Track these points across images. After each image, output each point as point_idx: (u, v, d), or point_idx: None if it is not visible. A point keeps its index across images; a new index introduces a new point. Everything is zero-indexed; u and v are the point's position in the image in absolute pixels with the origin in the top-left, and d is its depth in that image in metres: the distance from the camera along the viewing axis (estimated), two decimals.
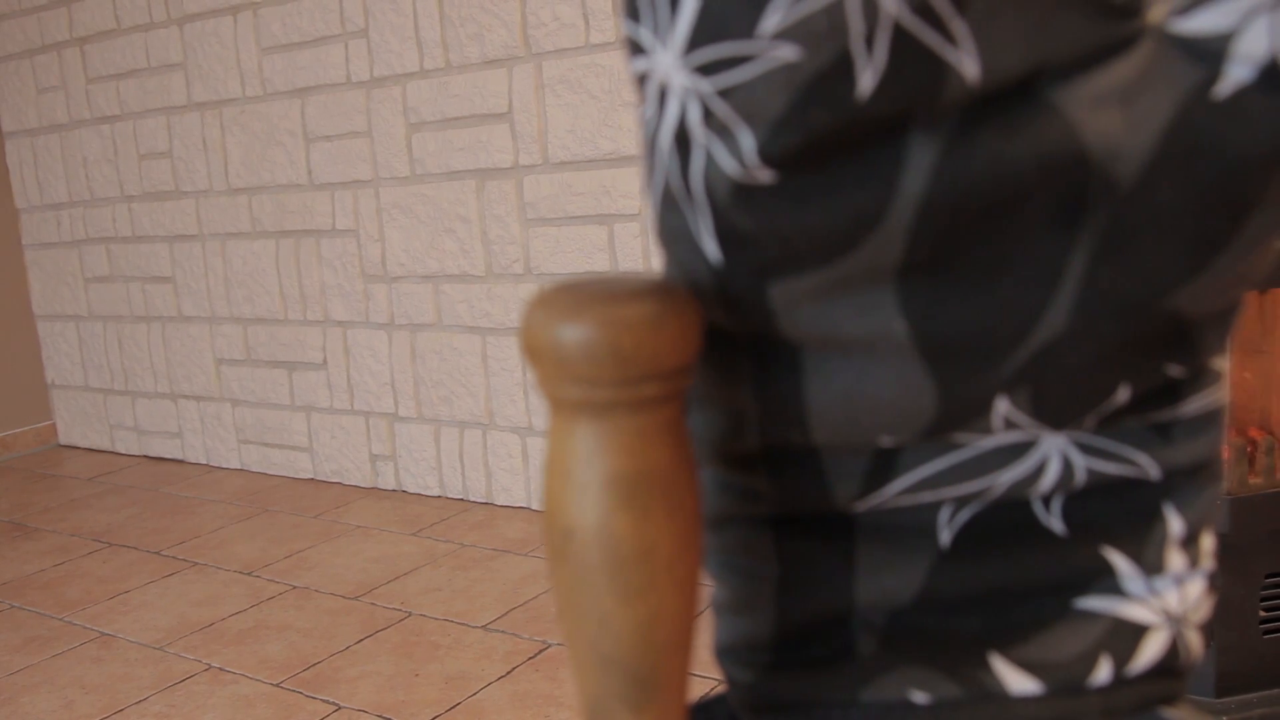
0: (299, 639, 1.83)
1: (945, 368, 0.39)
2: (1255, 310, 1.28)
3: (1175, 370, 0.42)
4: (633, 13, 0.36)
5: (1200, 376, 0.43)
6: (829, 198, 0.35)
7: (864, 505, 0.44)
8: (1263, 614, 1.25)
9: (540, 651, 1.72)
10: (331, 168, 2.51)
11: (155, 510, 2.62)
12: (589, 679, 0.37)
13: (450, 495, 2.52)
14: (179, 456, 3.05)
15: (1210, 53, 0.35)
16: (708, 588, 1.92)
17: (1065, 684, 0.45)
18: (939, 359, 0.38)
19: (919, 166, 0.35)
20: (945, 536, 0.45)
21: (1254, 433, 1.29)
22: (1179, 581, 0.45)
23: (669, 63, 0.35)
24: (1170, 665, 0.46)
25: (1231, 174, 0.36)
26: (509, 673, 1.65)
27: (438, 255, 2.39)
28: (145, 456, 3.13)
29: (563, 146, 2.17)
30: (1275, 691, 1.26)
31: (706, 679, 1.59)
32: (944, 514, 0.44)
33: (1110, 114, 0.35)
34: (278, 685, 1.68)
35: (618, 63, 2.10)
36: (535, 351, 0.35)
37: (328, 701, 1.62)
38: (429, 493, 2.54)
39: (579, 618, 0.36)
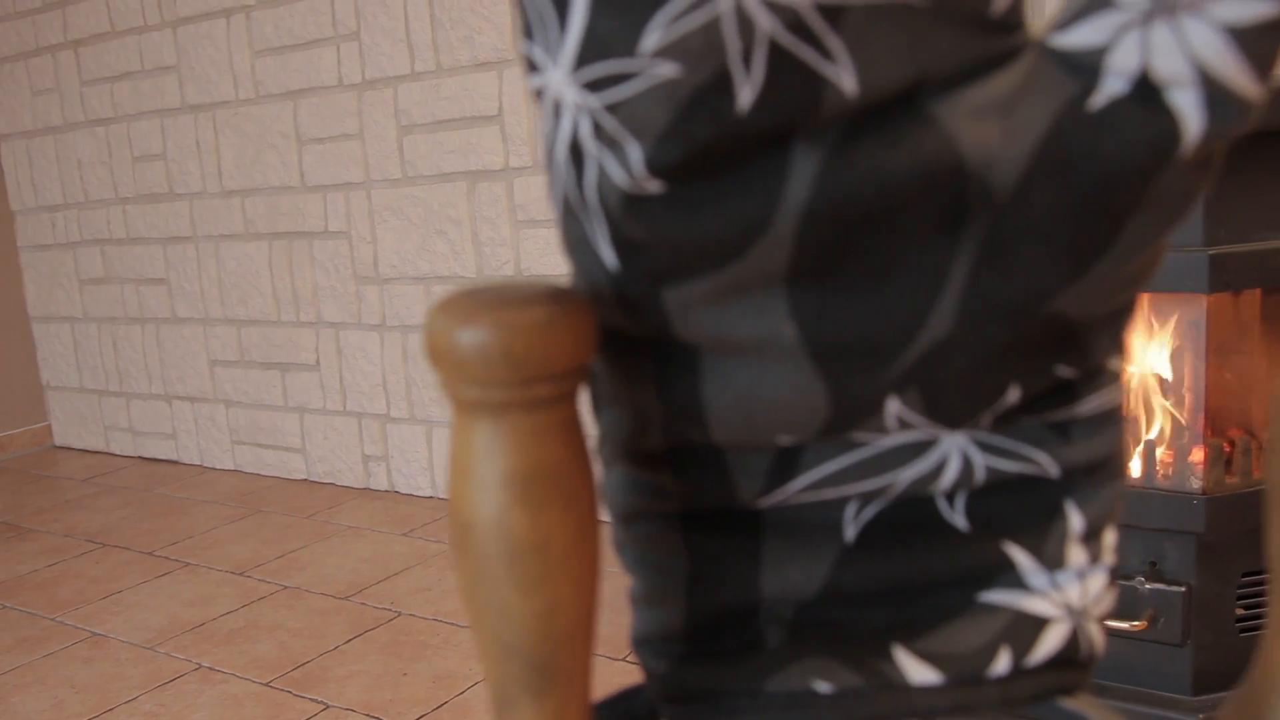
0: (289, 639, 1.84)
1: (835, 369, 0.40)
2: (1233, 312, 1.29)
3: (1066, 371, 0.43)
4: (527, 32, 0.37)
5: (1096, 377, 0.44)
6: (716, 206, 0.36)
7: (768, 501, 0.45)
8: (1239, 612, 1.26)
9: None
10: (323, 170, 2.52)
11: (149, 511, 2.63)
12: (493, 666, 0.39)
13: (442, 496, 2.53)
14: (173, 457, 3.06)
15: (1086, 66, 0.37)
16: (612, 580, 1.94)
17: (965, 674, 0.46)
18: (829, 360, 0.40)
19: (802, 176, 0.36)
20: (850, 532, 0.46)
21: (1234, 432, 1.30)
22: (1081, 576, 0.46)
23: (560, 79, 0.36)
24: (1070, 657, 0.47)
25: (1106, 182, 0.37)
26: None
27: (429, 257, 2.40)
28: (140, 457, 3.14)
29: None
30: None
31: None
32: (850, 510, 0.46)
33: (988, 125, 0.36)
34: (267, 685, 1.69)
35: None
36: (436, 354, 0.36)
37: (316, 701, 1.63)
38: (420, 493, 2.56)
39: (481, 608, 0.38)
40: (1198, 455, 1.25)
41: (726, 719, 0.47)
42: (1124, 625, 1.25)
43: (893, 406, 0.42)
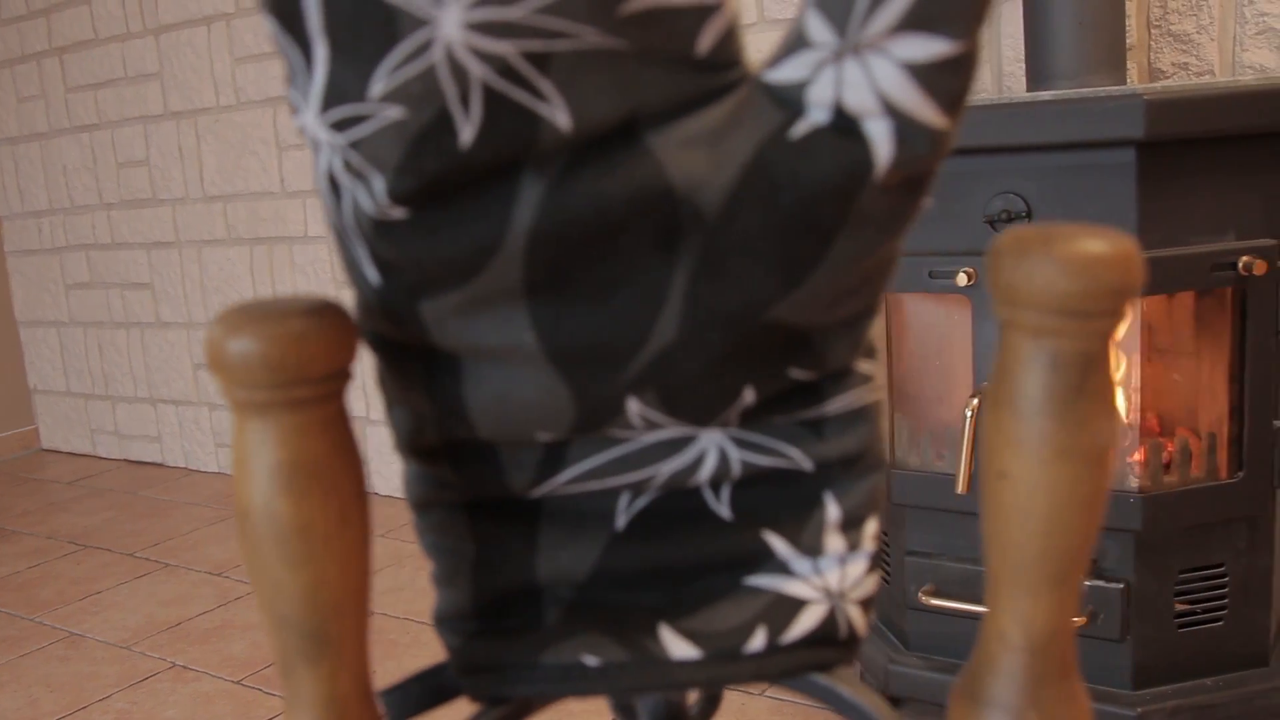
0: (262, 637, 1.87)
1: (575, 373, 0.44)
2: (1186, 313, 1.32)
3: (800, 374, 0.47)
4: (289, 79, 0.41)
5: (842, 379, 0.48)
6: (454, 230, 0.40)
7: (539, 492, 0.50)
8: (1178, 608, 1.29)
9: None
10: (303, 176, 2.56)
11: (132, 513, 2.66)
12: (274, 637, 0.44)
13: None
14: (158, 460, 3.09)
15: (792, 100, 0.40)
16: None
17: (722, 651, 0.50)
18: (568, 365, 0.44)
19: (528, 202, 0.40)
20: (622, 520, 0.50)
21: (1183, 432, 1.33)
22: (841, 562, 0.50)
23: (313, 121, 0.40)
24: (827, 636, 0.51)
25: (808, 203, 0.41)
26: None
27: None
28: (125, 460, 3.17)
29: None
30: (1190, 684, 1.29)
31: None
32: (623, 500, 0.50)
33: (697, 154, 0.40)
34: (238, 683, 1.72)
35: None
36: (212, 362, 0.41)
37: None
38: (399, 495, 2.58)
39: (260, 584, 0.42)
40: (1136, 455, 1.28)
41: (509, 689, 0.51)
42: None
43: (633, 406, 0.46)
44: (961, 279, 1.26)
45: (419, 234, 0.41)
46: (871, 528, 0.51)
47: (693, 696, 1.05)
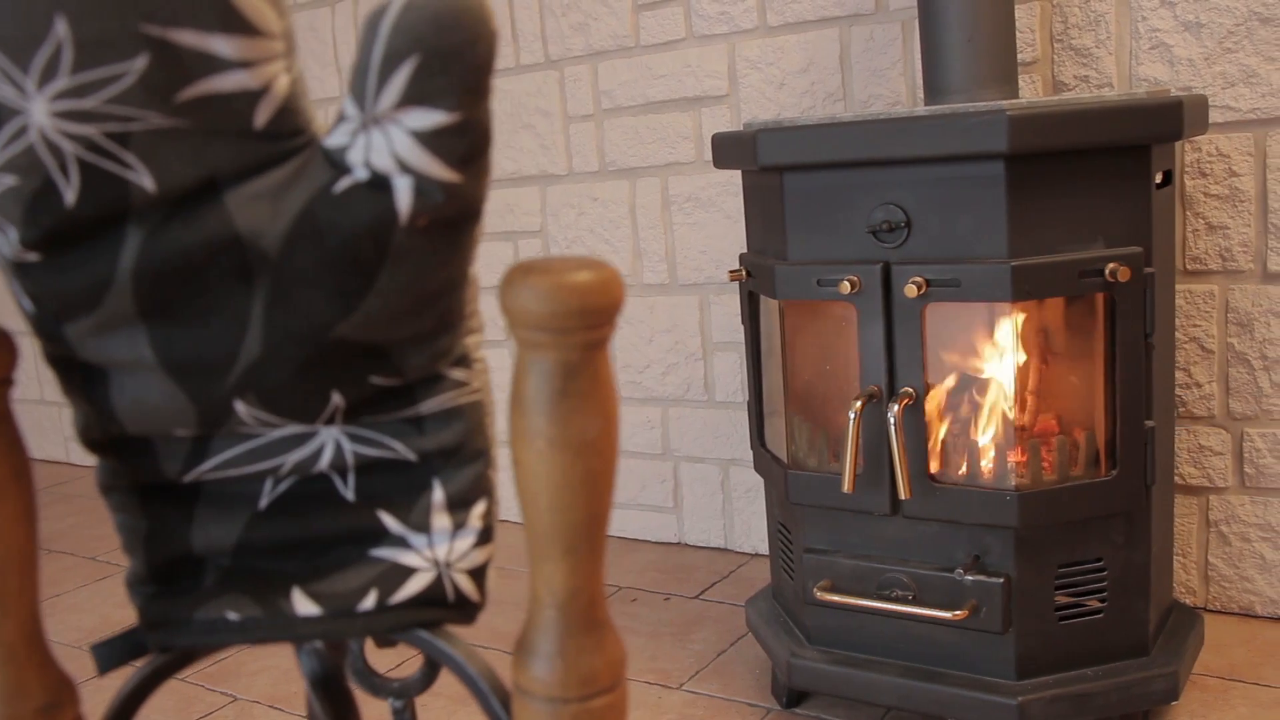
0: None
1: (187, 381, 0.54)
2: (1064, 319, 1.38)
3: (382, 381, 0.56)
4: None
5: (434, 384, 0.58)
6: (77, 270, 0.51)
7: (189, 477, 0.60)
8: (1058, 600, 1.34)
9: None
10: None
11: (98, 518, 2.73)
12: None
13: None
14: None
15: (339, 161, 0.50)
16: None
17: (339, 609, 0.61)
18: (181, 376, 0.54)
19: (131, 248, 0.50)
20: (264, 501, 0.60)
21: (1061, 430, 1.39)
22: (449, 537, 0.61)
23: None
24: (433, 598, 0.61)
25: (349, 244, 0.50)
26: (397, 666, 1.76)
27: None
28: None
29: None
30: (1070, 674, 1.35)
31: None
32: (267, 484, 0.60)
33: (260, 207, 0.50)
34: (182, 679, 1.78)
35: (517, 87, 2.20)
36: None
37: (225, 694, 1.72)
38: None
39: None
40: (1014, 455, 1.34)
41: (173, 640, 0.62)
42: (946, 615, 1.33)
43: (241, 408, 0.55)
44: (845, 286, 1.32)
45: (50, 273, 0.51)
46: (479, 509, 0.61)
47: (416, 665, 1.12)
